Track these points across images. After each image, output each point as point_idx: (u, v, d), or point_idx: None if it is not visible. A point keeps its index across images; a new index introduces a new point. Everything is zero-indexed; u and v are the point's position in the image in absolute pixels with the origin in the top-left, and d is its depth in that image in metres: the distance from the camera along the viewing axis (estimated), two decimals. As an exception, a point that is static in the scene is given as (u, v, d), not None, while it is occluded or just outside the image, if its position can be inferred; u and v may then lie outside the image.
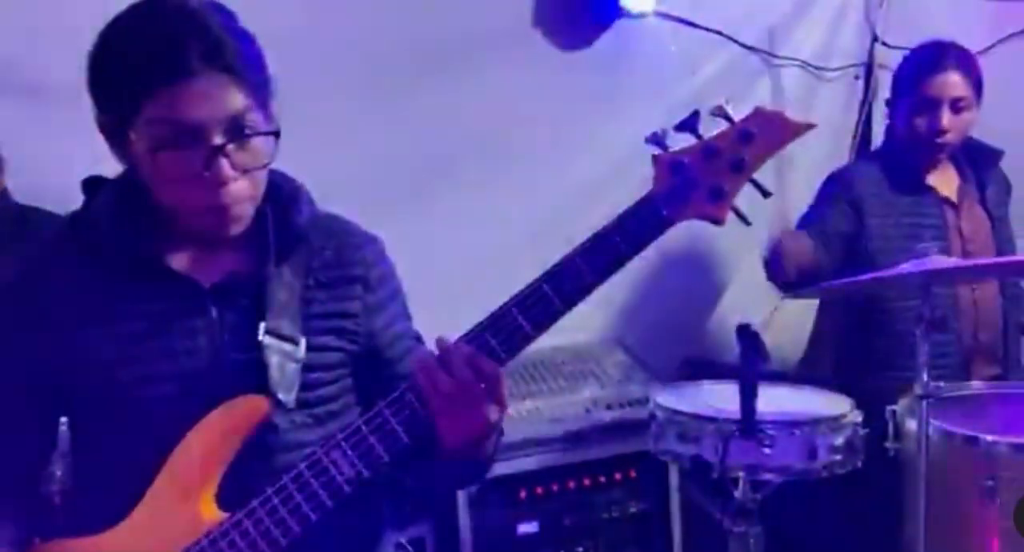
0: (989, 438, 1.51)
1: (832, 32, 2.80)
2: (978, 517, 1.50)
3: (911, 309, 1.58)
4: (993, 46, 2.83)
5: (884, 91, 2.77)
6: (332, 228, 1.19)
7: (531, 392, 2.29)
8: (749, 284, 2.80)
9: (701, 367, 2.49)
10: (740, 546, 1.72)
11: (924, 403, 1.51)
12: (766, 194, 1.07)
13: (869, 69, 2.80)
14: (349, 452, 1.03)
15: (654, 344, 2.72)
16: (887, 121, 2.31)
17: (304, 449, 1.08)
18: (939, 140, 2.06)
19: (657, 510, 2.17)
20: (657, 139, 1.05)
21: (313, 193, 1.21)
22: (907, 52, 2.32)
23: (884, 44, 2.78)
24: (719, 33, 2.71)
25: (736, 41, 2.72)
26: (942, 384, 1.77)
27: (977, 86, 2.09)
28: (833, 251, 2.05)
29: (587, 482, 2.15)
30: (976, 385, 1.80)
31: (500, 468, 2.05)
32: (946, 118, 2.04)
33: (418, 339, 1.23)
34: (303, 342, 1.09)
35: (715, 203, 1.04)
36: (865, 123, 2.82)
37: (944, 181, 2.15)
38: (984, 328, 2.01)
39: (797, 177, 2.77)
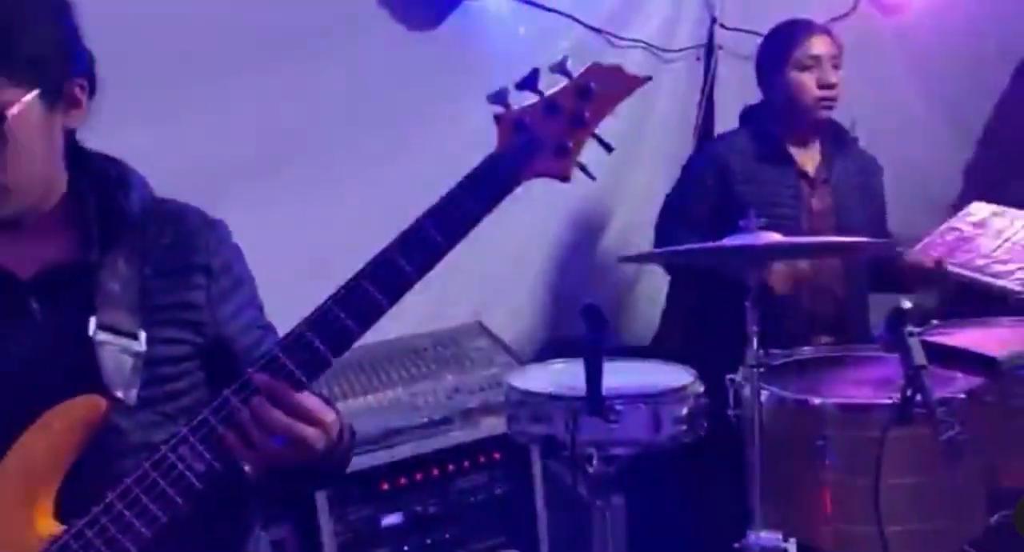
0: (817, 401, 1.60)
1: (673, 14, 2.87)
2: (811, 475, 1.59)
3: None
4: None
5: (725, 71, 2.91)
6: (170, 214, 1.13)
7: (392, 381, 2.26)
8: (606, 262, 2.88)
9: (566, 346, 2.53)
10: (602, 518, 1.76)
11: (754, 372, 1.58)
12: (609, 149, 1.08)
13: (710, 50, 2.90)
14: (198, 445, 0.98)
15: (517, 326, 2.75)
16: (761, 98, 2.38)
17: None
18: (830, 94, 2.14)
19: (521, 491, 2.19)
20: (499, 98, 1.04)
21: (158, 177, 1.15)
22: (754, 34, 2.43)
23: (723, 26, 2.88)
24: (565, 15, 2.74)
25: (581, 22, 2.76)
26: (777, 351, 1.88)
27: (840, 52, 2.20)
28: (701, 232, 2.09)
29: (451, 468, 2.14)
30: (808, 350, 1.90)
31: (360, 461, 2.01)
32: (833, 74, 2.14)
33: (269, 329, 1.19)
34: (143, 336, 1.03)
35: (559, 160, 1.04)
36: (708, 102, 2.92)
37: (807, 157, 2.24)
38: (822, 299, 2.12)
39: (643, 156, 2.85)
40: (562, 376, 1.79)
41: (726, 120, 2.78)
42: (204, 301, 1.11)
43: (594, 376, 1.55)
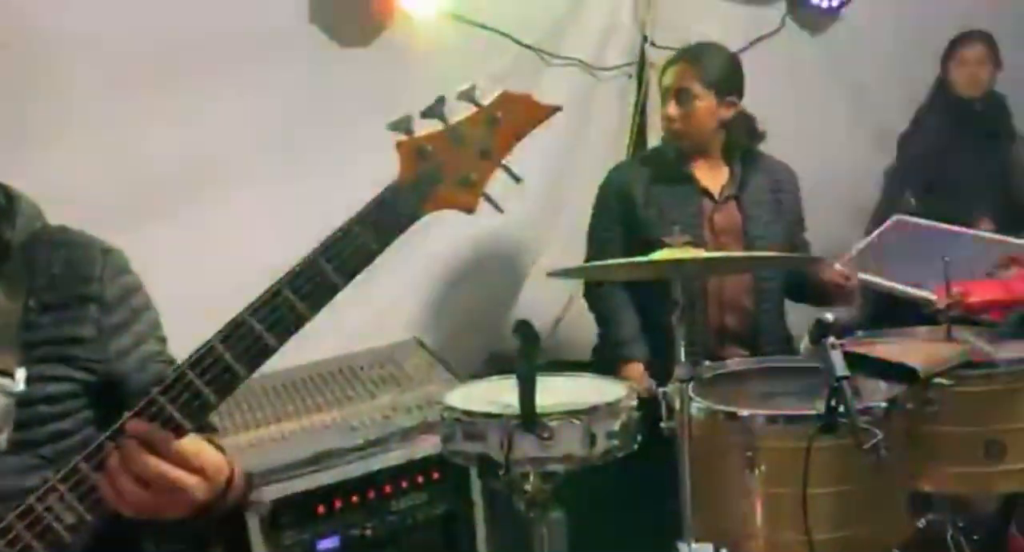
0: (745, 412, 1.63)
1: (606, 33, 2.92)
2: (741, 485, 1.62)
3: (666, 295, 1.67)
4: (747, 47, 3.08)
5: (655, 90, 2.97)
6: (61, 242, 1.07)
7: (326, 402, 2.22)
8: (545, 277, 2.89)
9: (505, 362, 2.53)
10: (542, 535, 1.75)
11: (683, 385, 1.60)
12: (517, 180, 1.04)
13: (641, 68, 2.95)
14: (68, 495, 0.91)
15: (457, 343, 2.74)
16: None
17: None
18: (672, 127, 2.18)
19: (461, 510, 2.17)
20: (402, 125, 1.00)
21: (57, 202, 1.10)
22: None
23: (653, 44, 2.94)
24: (500, 33, 2.76)
25: (516, 40, 2.78)
26: (708, 363, 1.92)
27: (711, 80, 2.20)
28: (617, 254, 2.13)
29: (388, 489, 2.11)
30: (734, 362, 1.94)
31: (294, 485, 1.97)
32: (671, 107, 2.16)
33: (172, 363, 1.11)
34: (20, 373, 0.97)
35: (464, 191, 1.00)
36: (641, 118, 2.97)
37: (710, 174, 2.28)
38: (731, 313, 2.17)
39: (580, 172, 2.89)
40: (498, 393, 1.79)
41: (659, 135, 2.84)
42: (95, 335, 1.05)
43: (527, 394, 1.55)
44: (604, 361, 2.21)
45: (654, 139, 2.91)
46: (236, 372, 0.93)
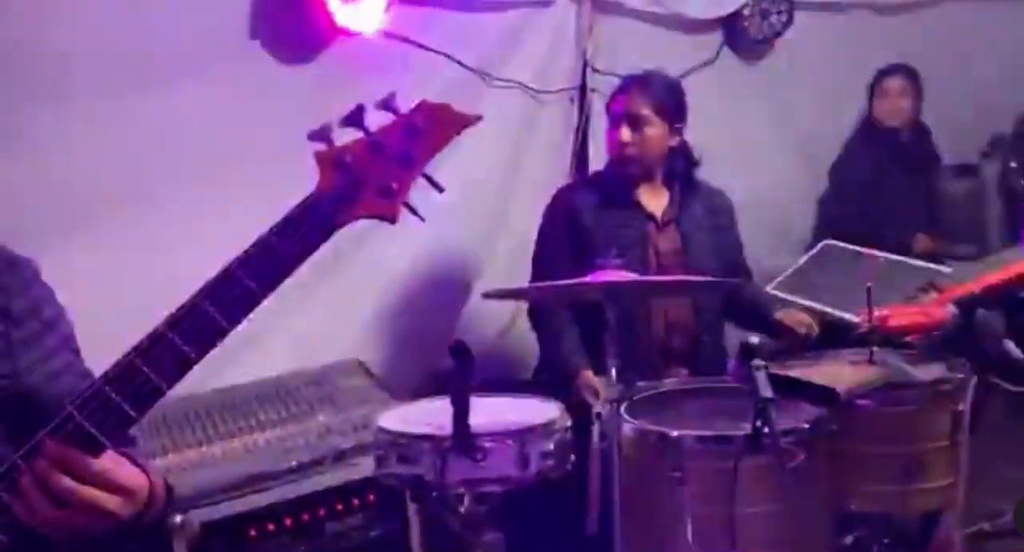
0: (675, 433, 1.66)
1: (549, 57, 2.96)
2: (671, 506, 1.64)
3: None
4: (685, 75, 3.16)
5: (597, 113, 3.02)
6: None
7: (260, 423, 2.18)
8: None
9: (445, 382, 2.52)
10: (479, 556, 1.74)
11: (613, 406, 1.62)
12: (439, 189, 1.04)
13: (583, 92, 3.00)
14: None
15: (398, 362, 2.73)
16: None
17: None
18: (624, 152, 2.22)
19: (398, 533, 2.15)
20: (321, 135, 0.99)
21: None
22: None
23: (594, 69, 2.99)
24: (442, 53, 2.78)
25: (458, 62, 2.81)
26: (642, 383, 1.95)
27: (661, 107, 2.27)
28: (563, 274, 2.09)
29: (323, 512, 2.08)
30: (670, 382, 1.97)
31: (226, 508, 1.93)
32: (624, 132, 2.20)
33: (88, 376, 1.10)
34: None
35: (384, 201, 0.99)
36: (581, 144, 3.02)
37: (654, 200, 2.34)
38: (675, 333, 2.22)
39: (522, 192, 2.91)
40: (435, 414, 1.78)
41: (601, 158, 2.89)
42: (3, 348, 1.03)
43: (461, 415, 1.55)
44: (544, 383, 2.22)
45: (595, 163, 2.96)
46: (156, 386, 0.92)
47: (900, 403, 1.82)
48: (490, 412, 1.77)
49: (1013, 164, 2.98)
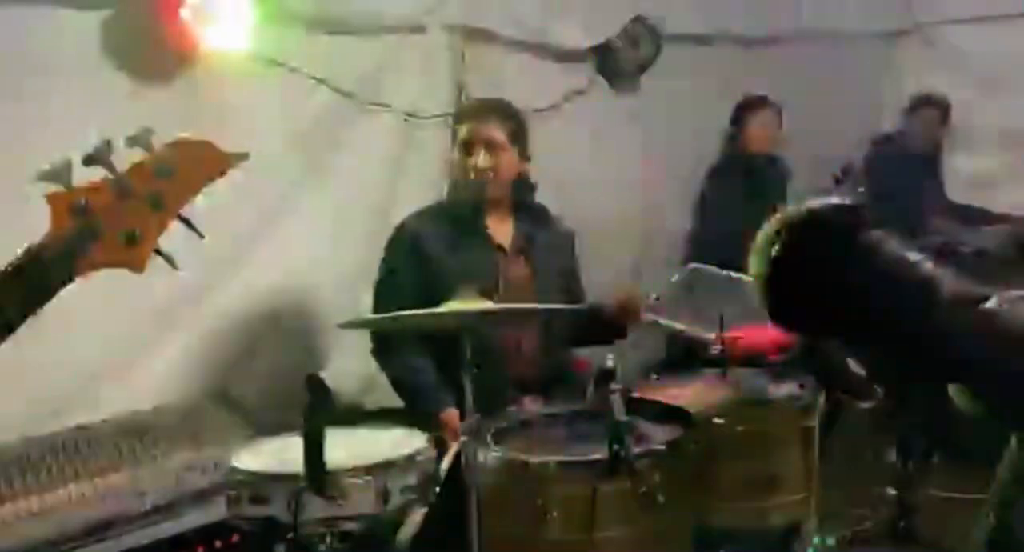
0: (535, 460, 1.66)
1: (425, 83, 2.96)
2: (534, 533, 1.63)
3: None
4: (562, 101, 3.23)
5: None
6: None
7: (112, 464, 2.06)
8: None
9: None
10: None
11: (471, 437, 1.61)
12: (200, 235, 0.97)
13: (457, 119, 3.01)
14: None
15: (267, 395, 2.63)
16: None
17: None
18: (480, 177, 2.20)
19: (262, 571, 2.06)
20: (57, 175, 0.89)
21: None
22: None
23: (469, 96, 3.01)
24: (313, 77, 2.73)
25: (331, 85, 2.77)
26: (512, 409, 1.95)
27: (515, 134, 2.25)
28: (410, 303, 2.01)
29: (181, 557, 1.97)
30: (531, 410, 1.97)
31: (72, 558, 1.81)
32: (481, 157, 2.20)
33: None
34: None
35: (129, 249, 0.92)
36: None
37: (501, 228, 2.30)
38: (528, 363, 2.20)
39: (397, 219, 2.87)
40: (292, 450, 1.72)
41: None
42: None
43: (314, 453, 1.50)
44: (415, 411, 2.16)
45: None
46: None
47: (753, 421, 1.88)
48: (351, 446, 1.73)
49: (861, 189, 3.17)
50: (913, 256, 0.50)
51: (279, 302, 2.72)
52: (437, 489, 1.70)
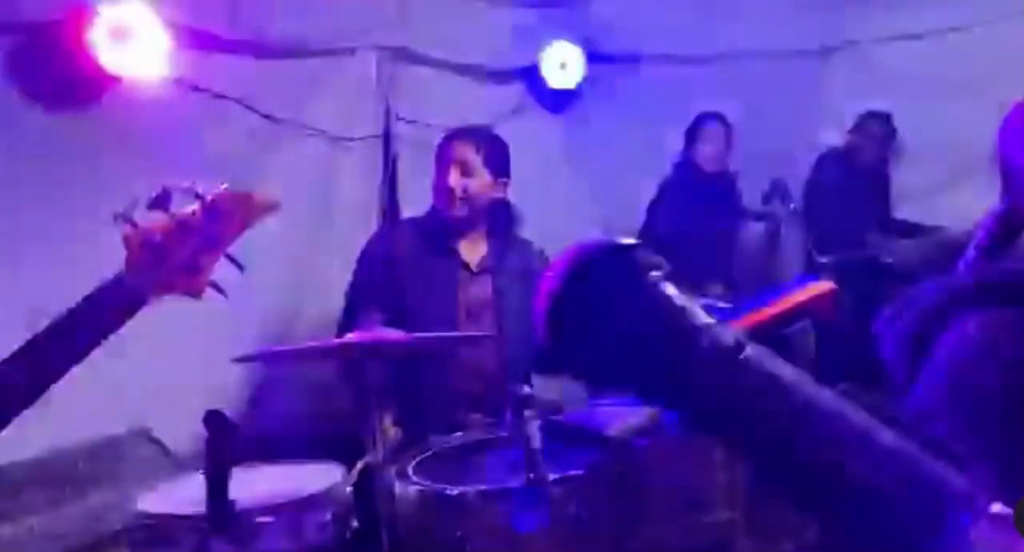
0: (455, 491, 1.62)
1: (351, 105, 2.94)
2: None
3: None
4: (494, 123, 3.21)
5: (405, 159, 3.01)
6: None
7: (29, 506, 1.98)
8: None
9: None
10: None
11: (384, 469, 1.57)
12: (240, 268, 1.20)
13: (387, 141, 2.98)
14: None
15: (191, 432, 2.55)
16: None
17: None
18: (452, 197, 2.22)
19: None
20: (126, 217, 1.11)
21: None
22: (429, 127, 2.53)
23: (399, 117, 2.99)
24: (236, 100, 2.69)
25: (254, 109, 2.73)
26: (438, 437, 1.91)
27: (489, 157, 2.28)
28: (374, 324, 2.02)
29: (96, 603, 1.89)
30: (457, 438, 1.92)
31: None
32: (453, 178, 2.22)
33: None
34: None
35: (191, 278, 1.14)
36: (390, 191, 2.98)
37: (471, 248, 2.32)
38: (477, 380, 2.20)
39: (327, 240, 2.84)
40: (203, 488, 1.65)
41: (413, 204, 2.86)
42: None
43: (217, 491, 1.44)
44: (335, 440, 2.11)
45: (407, 208, 2.93)
46: None
47: (674, 440, 1.86)
48: (264, 482, 1.67)
49: (792, 206, 3.21)
50: (682, 302, 0.48)
51: (204, 334, 2.66)
52: (355, 523, 1.65)
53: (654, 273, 0.49)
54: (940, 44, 3.57)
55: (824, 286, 1.97)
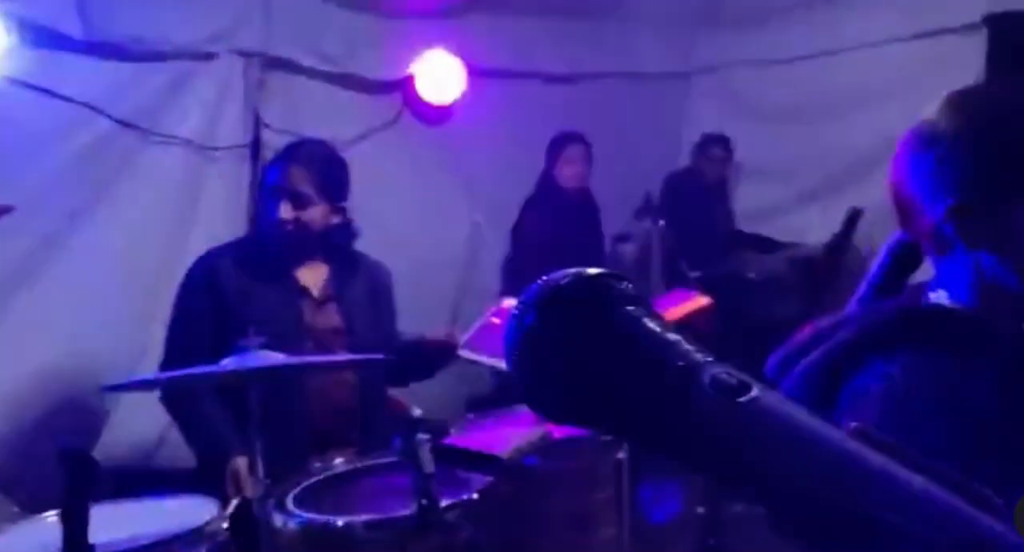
0: (341, 521, 1.53)
1: (215, 113, 2.77)
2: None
3: None
4: (370, 133, 3.14)
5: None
6: None
7: None
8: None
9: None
10: None
11: (261, 500, 1.47)
12: None
13: (256, 149, 2.85)
14: None
15: (38, 472, 2.31)
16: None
17: None
18: (283, 230, 2.01)
19: None
20: None
21: None
22: (299, 136, 2.34)
23: (267, 126, 2.86)
24: (88, 106, 2.50)
25: (109, 115, 2.54)
26: (317, 465, 1.80)
27: (324, 185, 2.05)
28: (205, 351, 1.78)
29: None
30: (339, 464, 1.83)
31: None
32: (284, 210, 2.01)
33: None
34: None
35: None
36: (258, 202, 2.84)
37: (311, 274, 2.12)
38: (336, 414, 2.05)
39: (192, 252, 2.65)
40: (55, 532, 1.48)
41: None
42: None
43: (74, 533, 1.29)
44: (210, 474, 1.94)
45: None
46: None
47: (564, 458, 1.86)
48: (125, 520, 1.52)
49: (662, 222, 3.31)
50: (672, 336, 0.45)
51: (50, 361, 2.43)
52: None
53: (631, 308, 0.45)
54: (806, 68, 3.77)
55: (702, 300, 2.02)
